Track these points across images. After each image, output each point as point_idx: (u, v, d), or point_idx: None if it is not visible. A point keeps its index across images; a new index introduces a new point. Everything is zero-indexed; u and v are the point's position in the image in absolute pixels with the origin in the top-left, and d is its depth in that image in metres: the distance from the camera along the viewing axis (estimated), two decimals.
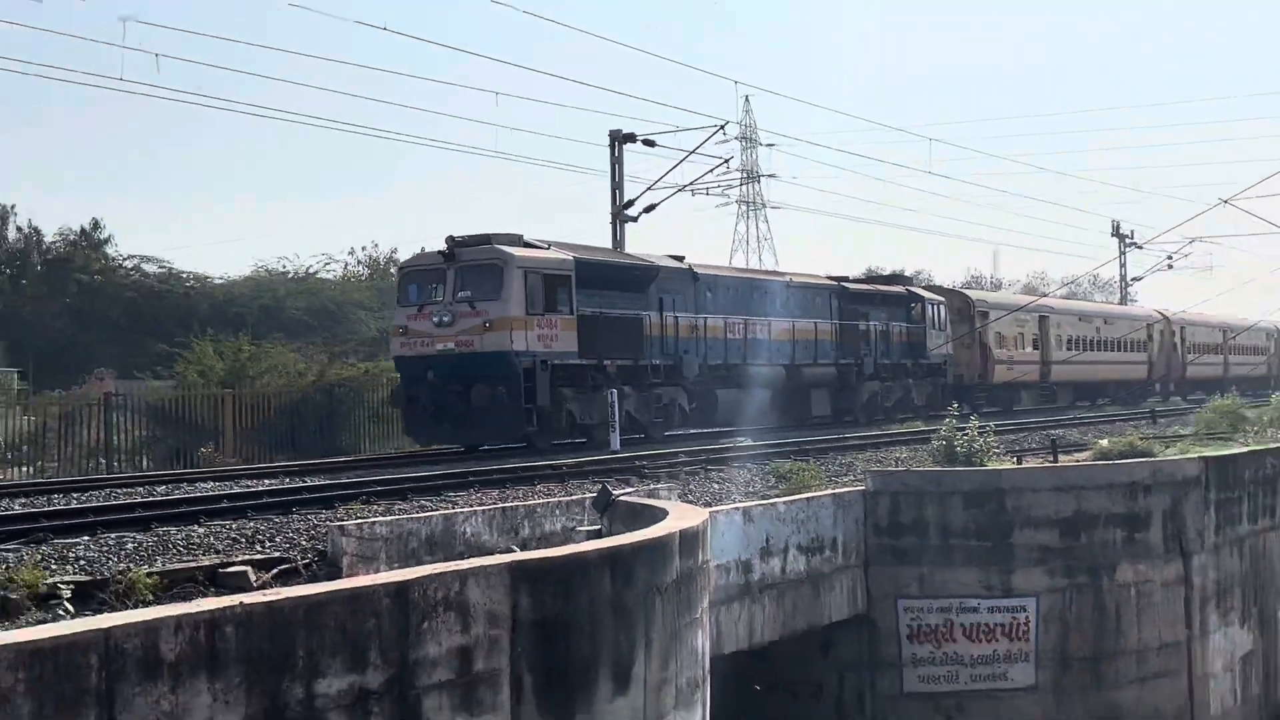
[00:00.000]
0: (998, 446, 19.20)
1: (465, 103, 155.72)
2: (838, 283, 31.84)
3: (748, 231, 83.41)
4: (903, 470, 17.52)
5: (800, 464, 17.08)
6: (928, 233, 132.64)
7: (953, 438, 17.78)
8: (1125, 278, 62.83)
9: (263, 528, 11.22)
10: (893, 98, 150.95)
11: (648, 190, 32.65)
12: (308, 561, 9.96)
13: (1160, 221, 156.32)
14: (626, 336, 23.70)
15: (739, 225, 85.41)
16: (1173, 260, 57.21)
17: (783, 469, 16.59)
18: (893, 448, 22.15)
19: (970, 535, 15.33)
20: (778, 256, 79.18)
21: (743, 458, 18.81)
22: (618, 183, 32.68)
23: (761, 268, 60.55)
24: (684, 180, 33.18)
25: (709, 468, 17.77)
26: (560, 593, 7.78)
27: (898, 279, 37.27)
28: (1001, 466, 17.38)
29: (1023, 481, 15.77)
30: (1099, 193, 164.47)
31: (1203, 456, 17.36)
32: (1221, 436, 23.36)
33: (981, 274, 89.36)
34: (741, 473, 17.25)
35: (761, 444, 20.77)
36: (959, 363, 36.58)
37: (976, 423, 18.41)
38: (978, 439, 17.63)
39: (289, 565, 9.78)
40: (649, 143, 31.99)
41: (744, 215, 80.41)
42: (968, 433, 17.79)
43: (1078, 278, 74.62)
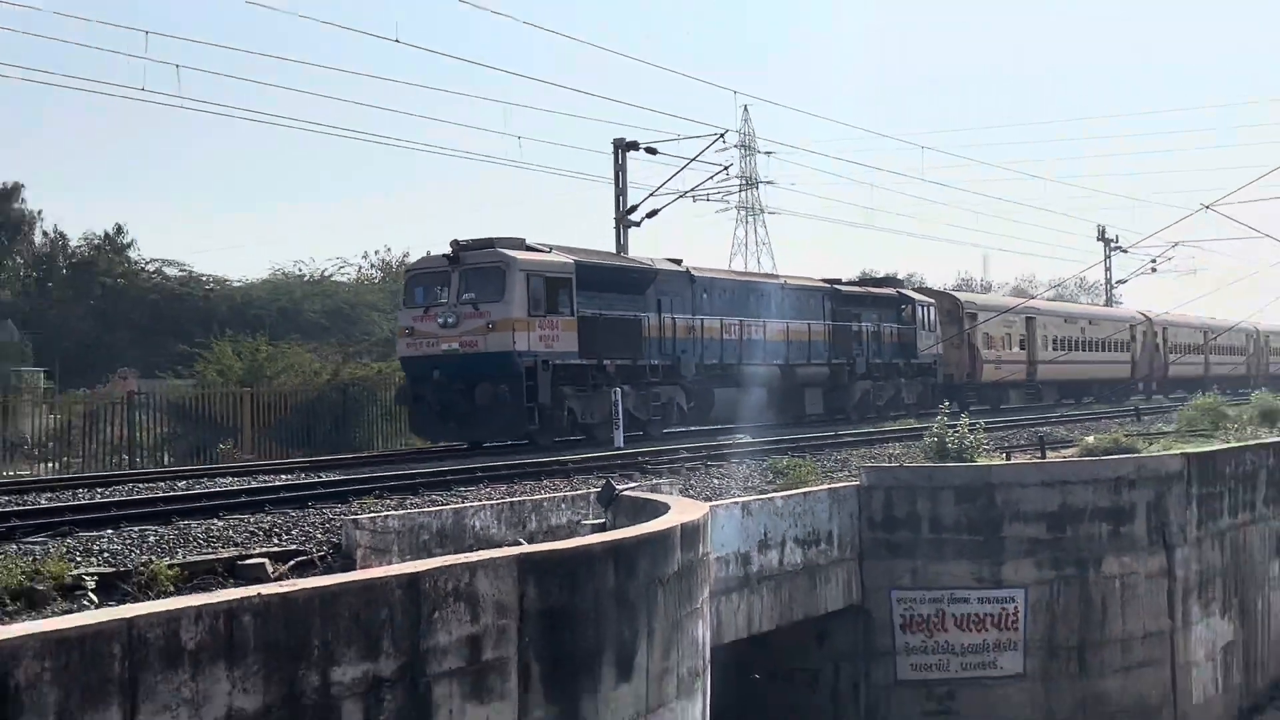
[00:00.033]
0: (987, 443, 19.56)
1: (477, 112, 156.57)
2: (830, 285, 32.11)
3: (746, 236, 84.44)
4: (896, 466, 17.68)
5: (797, 460, 17.19)
6: (920, 237, 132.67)
7: (944, 435, 17.99)
8: (1110, 280, 63.22)
9: (280, 521, 11.42)
10: (888, 108, 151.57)
11: (650, 196, 33.13)
12: (323, 554, 10.12)
13: (1149, 227, 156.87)
14: (626, 337, 24.04)
15: (738, 230, 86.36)
16: (1156, 264, 57.63)
17: (780, 465, 16.71)
18: (886, 444, 22.40)
19: (961, 529, 15.50)
20: (775, 261, 79.72)
21: (741, 454, 19.05)
22: (621, 189, 33.06)
23: (758, 271, 60.97)
24: (685, 186, 33.69)
25: (709, 464, 18.04)
26: (566, 584, 7.90)
27: (889, 282, 37.80)
28: (991, 462, 17.59)
29: (1012, 477, 15.95)
30: (1091, 199, 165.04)
31: (1185, 453, 17.63)
32: (1203, 433, 23.64)
33: (972, 277, 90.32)
34: (740, 468, 17.47)
35: (759, 441, 21.00)
36: (948, 362, 36.96)
37: (967, 420, 18.72)
38: (968, 436, 17.85)
39: (305, 557, 9.93)
40: (651, 150, 32.40)
41: (743, 221, 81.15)
42: (958, 430, 18.03)
43: (1064, 281, 75.07)
